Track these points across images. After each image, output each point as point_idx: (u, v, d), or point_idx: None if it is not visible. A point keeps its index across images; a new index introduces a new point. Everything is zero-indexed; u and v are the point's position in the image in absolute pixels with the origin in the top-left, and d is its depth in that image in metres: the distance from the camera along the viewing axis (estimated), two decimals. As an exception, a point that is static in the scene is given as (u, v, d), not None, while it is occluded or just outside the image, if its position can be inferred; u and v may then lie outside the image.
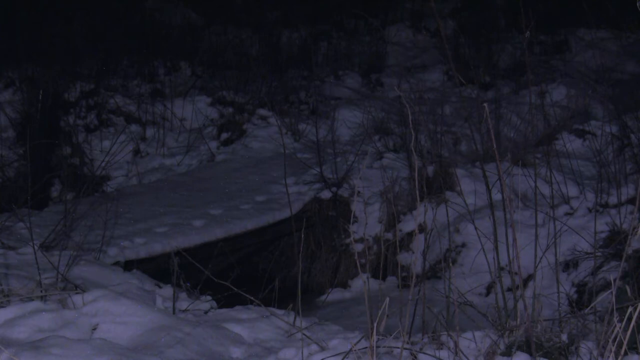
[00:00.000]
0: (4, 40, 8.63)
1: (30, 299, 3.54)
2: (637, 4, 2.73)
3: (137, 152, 7.56)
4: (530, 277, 4.67)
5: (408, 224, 5.89)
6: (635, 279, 4.20)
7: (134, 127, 7.80)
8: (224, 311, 3.96)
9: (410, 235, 5.82)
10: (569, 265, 5.03)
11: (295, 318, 3.75)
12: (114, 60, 9.12)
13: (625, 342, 2.57)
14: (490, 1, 11.61)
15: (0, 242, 4.65)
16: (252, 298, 3.81)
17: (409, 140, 6.46)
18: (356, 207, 5.98)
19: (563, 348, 3.00)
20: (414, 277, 2.88)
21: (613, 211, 5.12)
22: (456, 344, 3.08)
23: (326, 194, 6.19)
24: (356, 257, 3.48)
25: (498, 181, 4.68)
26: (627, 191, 5.26)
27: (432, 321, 3.37)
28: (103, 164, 6.75)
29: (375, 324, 2.67)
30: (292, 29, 10.85)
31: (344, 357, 3.00)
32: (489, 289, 5.19)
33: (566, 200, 5.47)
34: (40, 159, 6.38)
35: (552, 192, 4.36)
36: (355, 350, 2.97)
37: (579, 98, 7.41)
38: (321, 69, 9.66)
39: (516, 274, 3.03)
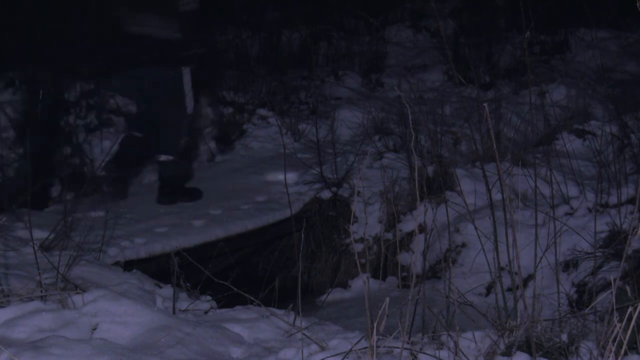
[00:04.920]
0: (4, 40, 8.61)
1: (30, 299, 3.54)
2: (637, 4, 2.73)
3: (137, 152, 7.54)
4: (530, 277, 4.67)
5: (408, 224, 5.88)
6: (635, 279, 4.20)
7: (134, 127, 7.78)
8: (224, 311, 3.96)
9: (410, 235, 5.82)
10: (569, 265, 5.03)
11: (295, 318, 3.75)
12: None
13: (625, 342, 2.57)
14: (490, 1, 11.59)
15: (1, 242, 4.65)
16: (252, 298, 3.81)
17: (409, 140, 6.45)
18: (356, 207, 5.98)
19: (563, 348, 3.00)
20: (414, 277, 2.89)
21: (613, 211, 5.12)
22: (456, 344, 3.08)
23: (326, 194, 6.19)
24: (356, 257, 3.48)
25: (498, 181, 4.67)
26: (627, 191, 5.26)
27: (432, 321, 3.36)
28: (103, 164, 6.74)
29: (375, 324, 2.66)
30: (292, 29, 10.83)
31: (344, 357, 2.99)
32: (489, 289, 5.19)
33: (566, 200, 5.47)
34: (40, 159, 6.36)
35: (552, 192, 4.36)
36: (355, 350, 2.97)
37: (579, 98, 7.40)
38: (321, 69, 9.64)
39: (516, 274, 3.03)
